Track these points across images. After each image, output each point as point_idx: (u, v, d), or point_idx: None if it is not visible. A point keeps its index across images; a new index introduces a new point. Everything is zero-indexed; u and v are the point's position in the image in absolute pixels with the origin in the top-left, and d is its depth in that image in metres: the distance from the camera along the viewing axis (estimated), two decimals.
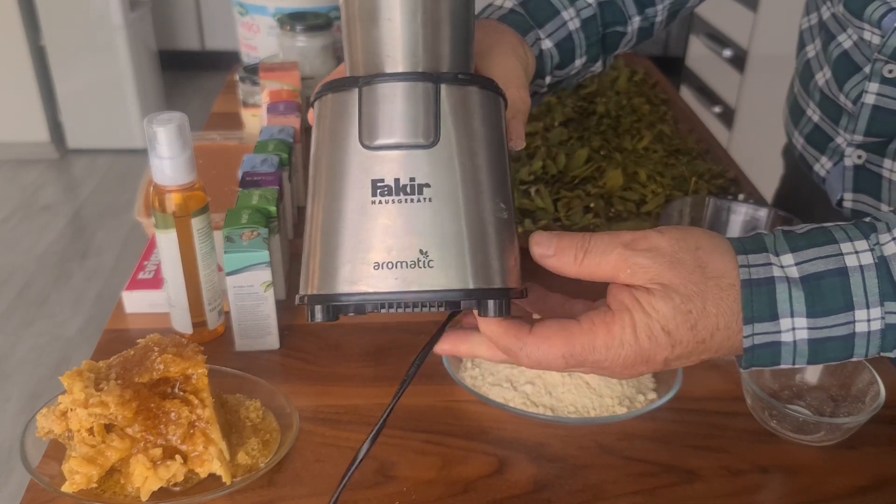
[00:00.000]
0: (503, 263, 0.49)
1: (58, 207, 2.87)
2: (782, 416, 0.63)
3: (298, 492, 0.59)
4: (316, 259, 0.48)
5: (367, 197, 0.46)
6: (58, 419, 0.56)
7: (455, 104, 0.47)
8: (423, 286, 0.46)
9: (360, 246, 0.46)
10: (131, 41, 3.07)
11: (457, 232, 0.46)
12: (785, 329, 0.47)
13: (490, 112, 0.49)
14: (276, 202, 0.76)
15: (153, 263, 0.81)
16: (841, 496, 0.60)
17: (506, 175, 0.50)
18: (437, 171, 0.46)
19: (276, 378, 0.69)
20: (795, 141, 0.90)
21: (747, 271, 0.47)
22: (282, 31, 1.19)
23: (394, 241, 0.46)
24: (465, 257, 0.46)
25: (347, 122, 0.47)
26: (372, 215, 0.46)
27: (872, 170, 0.78)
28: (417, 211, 0.46)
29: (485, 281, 0.47)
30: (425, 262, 0.46)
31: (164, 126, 0.65)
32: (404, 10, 0.47)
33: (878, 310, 0.46)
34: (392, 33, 0.48)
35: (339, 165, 0.48)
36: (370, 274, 0.46)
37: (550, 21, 0.67)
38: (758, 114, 2.35)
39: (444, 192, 0.46)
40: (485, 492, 0.59)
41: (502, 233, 0.49)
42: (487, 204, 0.48)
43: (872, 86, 0.74)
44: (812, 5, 0.87)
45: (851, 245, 0.47)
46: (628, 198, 0.97)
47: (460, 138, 0.47)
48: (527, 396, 0.66)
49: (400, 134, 0.46)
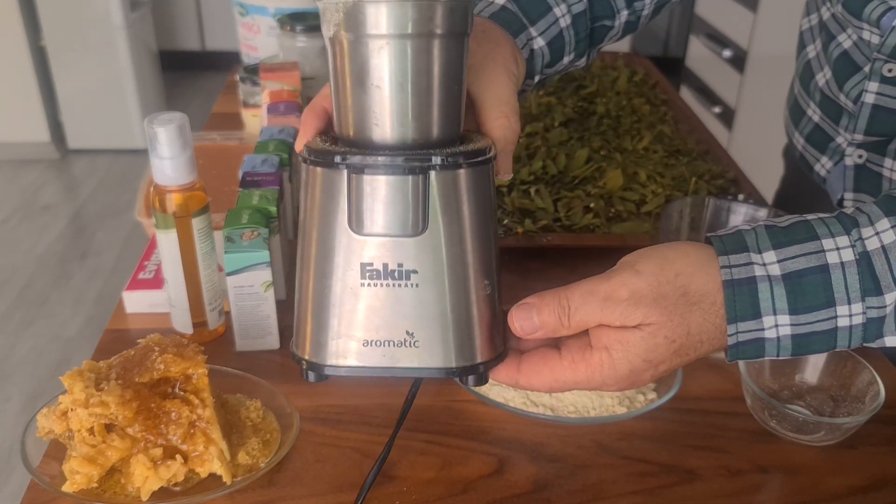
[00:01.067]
0: (484, 338, 0.51)
1: (58, 207, 2.87)
2: (782, 416, 0.63)
3: (298, 492, 0.59)
4: (307, 327, 0.51)
5: (356, 279, 0.49)
6: (58, 419, 0.56)
7: (444, 189, 0.48)
8: (409, 363, 0.50)
9: (350, 324, 0.49)
10: (132, 41, 3.07)
11: (441, 315, 0.49)
12: (768, 326, 0.47)
13: (479, 187, 0.49)
14: (276, 202, 0.76)
15: (153, 263, 0.81)
16: (840, 496, 0.60)
17: (491, 251, 0.51)
18: (424, 259, 0.48)
19: (276, 378, 0.69)
20: (796, 141, 0.90)
21: (729, 272, 0.48)
22: (282, 32, 1.19)
23: (381, 321, 0.49)
24: (448, 338, 0.50)
25: (336, 204, 0.48)
26: (361, 297, 0.49)
27: (873, 169, 0.78)
28: (404, 295, 0.49)
29: (467, 359, 0.50)
30: (411, 342, 0.49)
31: (164, 126, 0.65)
32: (393, 80, 0.47)
33: (859, 305, 0.47)
34: (381, 101, 0.48)
35: (328, 244, 0.49)
36: (359, 350, 0.50)
37: (543, 18, 0.66)
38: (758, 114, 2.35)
39: (431, 278, 0.49)
40: (485, 492, 0.59)
41: (485, 309, 0.51)
42: (472, 285, 0.50)
43: (872, 85, 0.74)
44: (812, 6, 0.88)
45: (833, 241, 0.47)
46: (628, 198, 0.97)
47: (448, 225, 0.48)
48: (527, 396, 0.66)
49: (388, 226, 0.48)
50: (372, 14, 0.46)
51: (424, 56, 0.47)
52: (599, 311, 0.48)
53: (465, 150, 0.49)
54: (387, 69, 0.47)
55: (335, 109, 0.51)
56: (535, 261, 0.89)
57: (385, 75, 0.47)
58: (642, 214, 0.95)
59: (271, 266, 0.70)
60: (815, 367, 0.68)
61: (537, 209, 0.94)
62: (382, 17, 0.46)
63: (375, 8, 0.46)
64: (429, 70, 0.48)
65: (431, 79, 0.48)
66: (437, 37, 0.47)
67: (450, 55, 0.48)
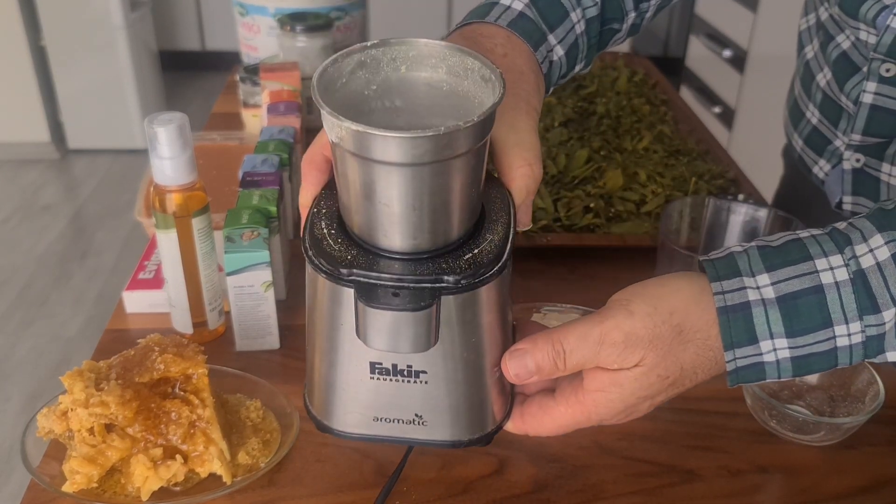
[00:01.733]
0: (493, 412, 0.51)
1: (58, 207, 2.87)
2: (782, 416, 0.63)
3: (298, 492, 0.59)
4: (321, 394, 0.51)
5: (365, 373, 0.48)
6: (58, 419, 0.56)
7: (459, 307, 0.45)
8: (418, 437, 0.50)
9: (361, 404, 0.49)
10: (132, 41, 3.07)
11: (451, 406, 0.49)
12: (766, 351, 0.47)
13: (497, 293, 0.46)
14: (276, 202, 0.76)
15: (154, 263, 0.81)
16: (840, 496, 0.60)
17: (506, 343, 0.50)
18: (434, 364, 0.47)
19: (276, 378, 0.69)
20: (795, 143, 0.90)
21: (722, 298, 0.47)
22: (282, 32, 1.19)
23: (391, 405, 0.49)
24: (458, 420, 0.50)
25: (342, 314, 0.46)
26: (370, 387, 0.48)
27: (871, 173, 0.78)
28: (414, 389, 0.48)
29: (476, 431, 0.51)
30: (420, 422, 0.49)
31: (164, 126, 0.65)
32: (404, 201, 0.42)
33: (857, 324, 0.46)
34: (390, 218, 0.43)
35: (335, 342, 0.47)
36: (370, 424, 0.50)
37: (561, 24, 0.62)
38: (758, 114, 2.35)
39: (440, 377, 0.48)
40: (485, 492, 0.59)
41: (495, 390, 0.50)
42: (485, 378, 0.49)
43: (870, 85, 0.74)
44: (810, 6, 0.87)
45: (826, 261, 0.47)
46: (628, 198, 0.97)
47: (461, 336, 0.46)
48: None
49: (396, 347, 0.45)
50: (381, 145, 0.39)
51: (442, 177, 0.42)
52: (595, 355, 0.48)
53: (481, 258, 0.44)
54: (396, 192, 0.41)
55: (340, 202, 0.46)
56: (535, 261, 0.89)
57: (394, 196, 0.42)
58: (642, 214, 0.95)
59: (271, 266, 0.70)
60: None
61: (537, 209, 0.93)
62: (393, 148, 0.39)
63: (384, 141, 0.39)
64: (445, 189, 0.42)
65: (449, 196, 0.43)
66: (457, 157, 0.41)
67: (470, 166, 0.43)
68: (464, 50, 0.45)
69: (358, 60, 0.45)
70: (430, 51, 0.45)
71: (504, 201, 0.49)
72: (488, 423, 0.51)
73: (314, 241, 0.45)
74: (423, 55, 0.46)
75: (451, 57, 0.45)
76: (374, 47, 0.45)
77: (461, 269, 0.43)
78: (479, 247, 0.45)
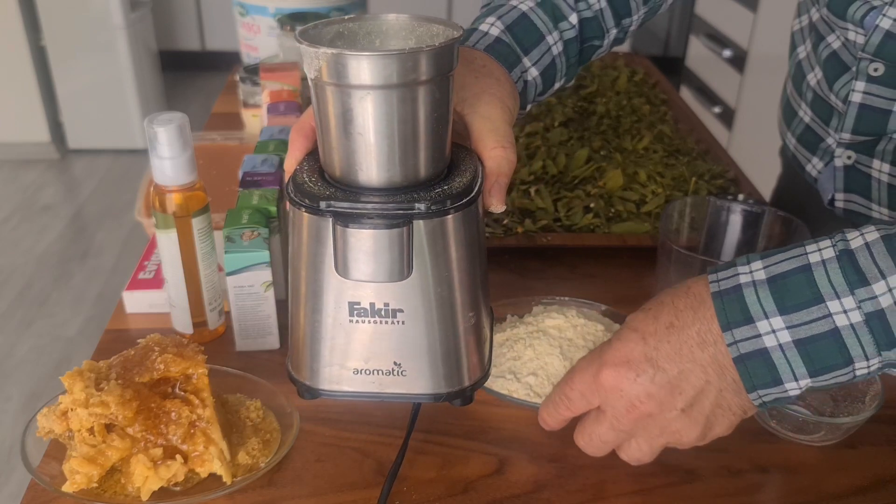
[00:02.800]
0: (469, 364, 0.54)
1: (58, 208, 2.87)
2: (782, 415, 0.63)
3: (299, 492, 0.59)
4: (303, 354, 0.53)
5: (345, 316, 0.50)
6: (58, 419, 0.56)
7: (431, 234, 0.48)
8: (398, 390, 0.52)
9: (341, 355, 0.52)
10: (132, 41, 3.07)
11: (428, 347, 0.51)
12: (764, 332, 0.48)
13: (465, 227, 0.50)
14: (276, 202, 0.76)
15: (153, 263, 0.81)
16: (840, 496, 0.60)
17: (477, 284, 0.52)
18: (410, 299, 0.50)
19: (276, 378, 0.69)
20: (788, 142, 0.91)
21: (717, 285, 0.50)
22: (282, 32, 1.19)
23: (370, 353, 0.51)
24: (437, 368, 0.52)
25: (322, 248, 0.49)
26: (349, 331, 0.51)
27: (862, 170, 0.79)
28: (391, 331, 0.51)
29: (454, 384, 0.53)
30: (399, 371, 0.52)
31: (164, 126, 0.65)
32: (377, 128, 0.46)
33: (850, 299, 0.47)
34: (365, 148, 0.47)
35: (316, 284, 0.50)
36: (350, 378, 0.52)
37: (536, 47, 0.67)
38: (757, 114, 2.35)
39: (416, 316, 0.50)
40: (485, 492, 0.59)
41: (470, 338, 0.53)
42: (459, 318, 0.51)
43: (859, 84, 0.75)
44: (803, 7, 0.88)
45: (816, 245, 0.49)
46: (628, 198, 0.97)
47: (435, 267, 0.49)
48: (530, 387, 0.66)
49: (374, 274, 0.48)
50: (354, 66, 0.44)
51: (409, 103, 0.46)
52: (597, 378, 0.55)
53: (450, 191, 0.49)
54: (371, 118, 0.46)
55: (321, 147, 0.51)
56: (535, 261, 0.89)
57: (369, 123, 0.46)
58: (642, 214, 0.95)
59: (271, 266, 0.70)
60: None
61: (537, 209, 0.93)
62: (364, 68, 0.45)
63: (357, 60, 0.44)
64: (414, 116, 0.47)
65: (417, 124, 0.47)
66: (422, 83, 0.46)
67: (435, 98, 0.47)
68: (430, 18, 0.50)
69: (336, 31, 0.50)
70: (401, 23, 0.51)
71: (473, 162, 0.53)
72: (465, 377, 0.53)
73: (297, 186, 0.50)
74: (394, 28, 0.51)
75: (419, 27, 0.50)
76: (351, 21, 0.50)
77: (431, 198, 0.48)
78: (448, 184, 0.50)
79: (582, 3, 0.71)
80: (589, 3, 0.71)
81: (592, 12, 0.71)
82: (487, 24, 0.66)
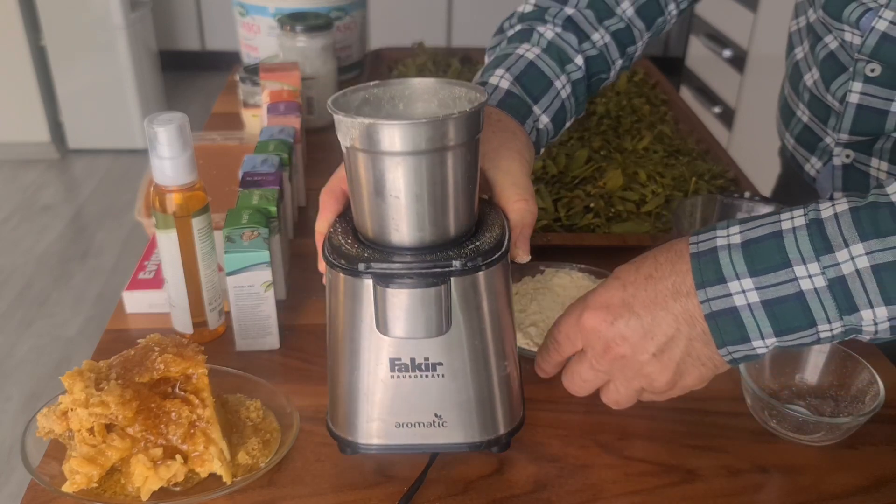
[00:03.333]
0: (505, 412, 0.56)
1: (58, 208, 2.87)
2: (782, 416, 0.64)
3: (299, 492, 0.59)
4: (344, 410, 0.55)
5: (386, 372, 0.53)
6: (58, 419, 0.56)
7: (465, 291, 0.51)
8: (437, 441, 0.55)
9: (382, 410, 0.54)
10: (132, 41, 3.07)
11: (466, 400, 0.54)
12: (735, 291, 0.51)
13: (496, 281, 0.53)
14: (276, 202, 0.76)
15: (153, 263, 0.81)
16: (841, 496, 0.60)
17: (509, 336, 0.55)
18: (449, 353, 0.52)
19: (276, 378, 0.69)
20: (786, 141, 0.91)
21: (696, 247, 0.53)
22: (282, 32, 1.19)
23: (412, 407, 0.54)
24: (473, 418, 0.55)
25: (363, 308, 0.51)
26: (391, 386, 0.53)
27: (860, 168, 0.79)
28: (432, 384, 0.53)
29: (490, 432, 0.56)
30: (440, 422, 0.54)
31: (164, 126, 0.65)
32: (411, 191, 0.49)
33: (815, 265, 0.49)
34: (399, 210, 0.49)
35: (356, 342, 0.53)
36: (392, 432, 0.55)
37: (545, 94, 0.69)
38: (757, 114, 2.35)
39: (455, 368, 0.53)
40: (485, 492, 0.59)
41: (504, 387, 0.56)
42: (493, 370, 0.54)
43: (856, 85, 0.75)
44: (801, 8, 0.89)
45: (790, 213, 0.51)
46: (628, 198, 0.97)
47: (468, 321, 0.52)
48: (530, 338, 0.70)
49: (414, 330, 0.51)
50: (387, 134, 0.47)
51: (440, 167, 0.48)
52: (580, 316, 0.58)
53: (482, 247, 0.51)
54: (404, 182, 0.48)
55: (354, 209, 0.53)
56: (536, 261, 0.88)
57: (402, 187, 0.48)
58: (642, 214, 0.95)
59: (271, 266, 0.70)
60: (815, 366, 0.68)
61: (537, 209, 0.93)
62: (398, 137, 0.47)
63: (390, 129, 0.46)
64: (444, 179, 0.49)
65: (447, 186, 0.49)
66: (451, 148, 0.48)
67: (465, 160, 0.50)
68: (452, 82, 0.52)
69: (363, 97, 0.52)
70: (424, 87, 0.53)
71: (499, 216, 0.56)
72: (500, 424, 0.56)
73: (333, 248, 0.52)
74: (417, 92, 0.53)
75: (442, 90, 0.53)
76: (376, 87, 0.53)
77: (466, 255, 0.50)
78: (479, 240, 0.52)
79: (586, 43, 0.72)
80: (593, 42, 0.73)
81: (597, 49, 0.73)
82: (497, 77, 0.68)
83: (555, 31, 0.72)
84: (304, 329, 0.76)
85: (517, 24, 0.75)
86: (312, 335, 0.75)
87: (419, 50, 1.45)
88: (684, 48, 3.10)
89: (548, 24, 0.72)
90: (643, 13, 0.76)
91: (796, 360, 0.69)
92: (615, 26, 0.74)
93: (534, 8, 0.75)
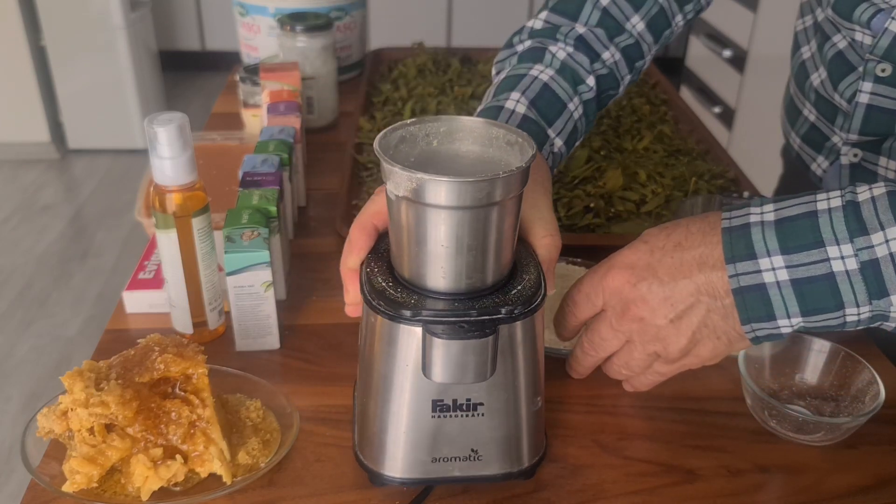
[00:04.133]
0: (535, 445, 0.58)
1: (58, 208, 2.87)
2: (782, 416, 0.63)
3: (299, 492, 0.59)
4: (376, 442, 0.56)
5: (427, 412, 0.53)
6: (58, 419, 0.56)
7: (509, 335, 0.52)
8: (471, 473, 0.56)
9: (421, 446, 0.55)
10: (132, 41, 3.07)
11: (503, 436, 0.55)
12: (765, 268, 0.51)
13: (536, 325, 0.54)
14: (276, 202, 0.76)
15: (153, 263, 0.81)
16: (841, 496, 0.60)
17: (542, 372, 0.56)
18: (490, 395, 0.53)
19: (276, 378, 0.69)
20: (792, 141, 0.91)
21: (728, 221, 0.53)
22: (282, 32, 1.19)
23: (451, 443, 0.54)
24: (508, 452, 0.56)
25: (408, 353, 0.52)
26: (432, 425, 0.54)
27: (868, 168, 0.79)
28: (471, 423, 0.54)
29: (520, 464, 0.57)
30: (475, 456, 0.56)
31: (164, 126, 0.65)
32: (459, 243, 0.49)
33: (848, 246, 0.49)
34: (448, 259, 0.50)
35: (395, 382, 0.53)
36: (429, 466, 0.56)
37: (559, 117, 0.70)
38: (757, 114, 2.35)
39: (495, 408, 0.54)
40: (485, 492, 0.59)
41: (535, 420, 0.57)
42: (528, 406, 0.56)
43: (866, 85, 0.75)
44: (807, 8, 0.88)
45: (826, 195, 0.51)
46: (628, 198, 0.97)
47: (512, 363, 0.53)
48: None
49: (463, 378, 0.51)
50: (444, 190, 0.47)
51: (491, 219, 0.49)
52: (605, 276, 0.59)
53: (524, 292, 0.52)
54: (455, 234, 0.49)
55: (395, 252, 0.53)
56: None
57: (453, 238, 0.49)
58: (642, 214, 0.95)
59: (271, 266, 0.70)
60: (815, 366, 0.68)
61: None
62: (455, 192, 0.47)
63: (448, 185, 0.47)
64: (493, 229, 0.50)
65: (495, 236, 0.50)
66: (503, 202, 0.49)
67: (514, 210, 0.50)
68: (489, 122, 0.52)
69: (400, 136, 0.52)
70: (459, 125, 0.53)
71: (528, 253, 0.56)
72: (530, 455, 0.57)
73: (377, 293, 0.52)
74: (452, 129, 0.53)
75: (477, 129, 0.53)
76: (413, 125, 0.53)
77: (512, 301, 0.51)
78: (520, 284, 0.53)
79: (597, 63, 0.73)
80: (604, 61, 0.73)
81: (607, 68, 0.74)
82: (513, 102, 0.68)
83: (566, 50, 0.72)
84: (304, 329, 0.76)
85: (527, 41, 0.75)
86: (312, 335, 0.75)
87: (419, 50, 1.45)
88: (684, 48, 3.10)
89: (559, 42, 0.73)
90: (653, 27, 0.76)
91: (796, 360, 0.69)
92: (625, 42, 0.75)
93: (544, 25, 0.74)
